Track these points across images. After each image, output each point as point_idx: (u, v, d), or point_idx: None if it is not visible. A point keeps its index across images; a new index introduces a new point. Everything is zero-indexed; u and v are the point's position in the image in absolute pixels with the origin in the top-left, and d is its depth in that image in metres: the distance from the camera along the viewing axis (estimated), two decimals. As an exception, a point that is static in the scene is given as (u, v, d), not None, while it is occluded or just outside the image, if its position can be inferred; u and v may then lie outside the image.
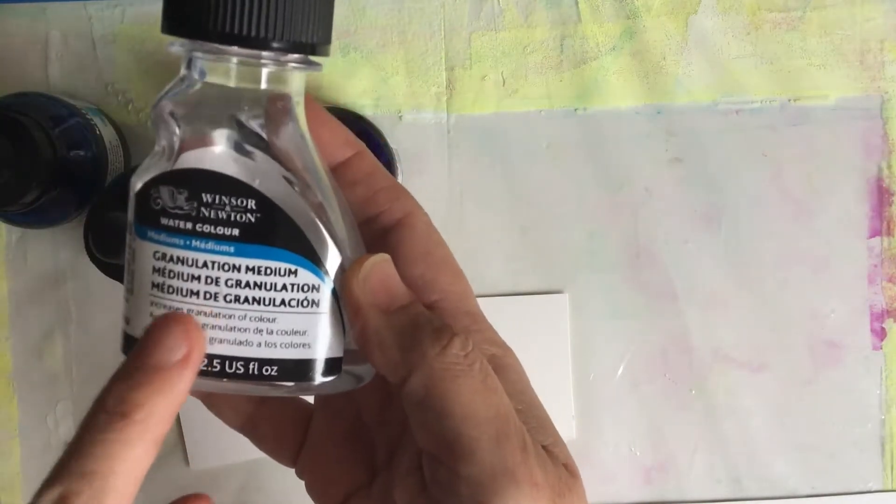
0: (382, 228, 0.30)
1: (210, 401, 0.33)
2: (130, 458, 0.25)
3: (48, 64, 0.50)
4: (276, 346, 0.26)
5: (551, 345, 0.50)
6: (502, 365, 0.29)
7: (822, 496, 0.50)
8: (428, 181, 0.49)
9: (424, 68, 0.50)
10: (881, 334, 0.50)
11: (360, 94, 0.50)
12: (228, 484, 0.51)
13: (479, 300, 0.31)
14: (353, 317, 0.27)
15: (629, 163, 0.50)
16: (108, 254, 0.40)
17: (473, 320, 0.30)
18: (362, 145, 0.31)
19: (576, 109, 0.50)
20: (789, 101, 0.50)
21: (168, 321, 0.26)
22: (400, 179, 0.48)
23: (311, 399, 0.33)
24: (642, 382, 0.50)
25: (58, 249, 0.50)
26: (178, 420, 0.50)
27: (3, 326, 0.51)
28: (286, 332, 0.26)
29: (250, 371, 0.26)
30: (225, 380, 0.27)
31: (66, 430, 0.51)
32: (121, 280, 0.44)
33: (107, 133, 0.47)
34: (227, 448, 0.50)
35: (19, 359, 0.51)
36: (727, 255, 0.50)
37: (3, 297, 0.50)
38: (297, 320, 0.26)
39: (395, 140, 0.49)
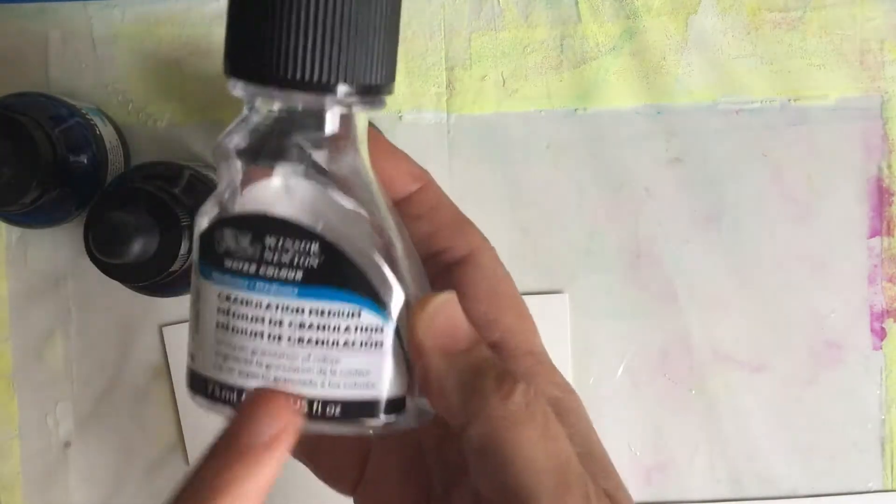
0: (447, 264, 0.30)
1: None
2: None
3: (48, 64, 0.50)
4: (339, 387, 0.26)
5: (551, 345, 0.49)
6: (565, 408, 0.29)
7: (822, 496, 0.50)
8: (428, 181, 0.49)
9: (424, 68, 0.50)
10: (881, 334, 0.50)
11: (360, 94, 0.50)
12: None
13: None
14: (415, 358, 0.27)
15: (629, 163, 0.50)
16: (108, 254, 0.40)
17: (537, 360, 0.29)
18: (428, 177, 0.31)
19: (576, 109, 0.50)
20: (789, 101, 0.50)
21: (265, 397, 0.25)
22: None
23: None
24: (642, 382, 0.50)
25: (58, 249, 0.50)
26: (177, 420, 0.50)
27: (3, 326, 0.51)
28: (349, 373, 0.26)
29: (314, 411, 0.26)
30: None
31: (66, 430, 0.51)
32: (121, 280, 0.45)
33: (107, 133, 0.47)
34: (227, 448, 0.50)
35: (19, 359, 0.51)
36: (727, 255, 0.50)
37: (3, 297, 0.50)
38: (360, 361, 0.26)
39: (395, 140, 0.49)
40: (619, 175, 0.50)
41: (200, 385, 0.27)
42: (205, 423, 0.50)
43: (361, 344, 0.26)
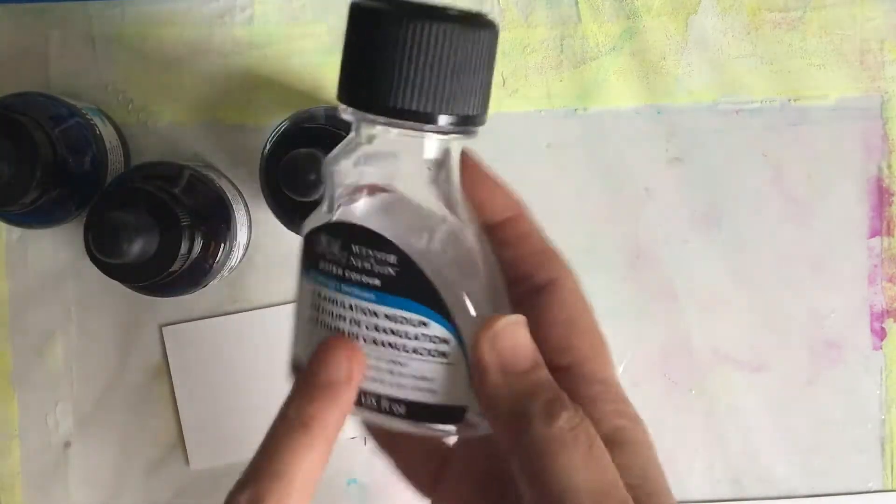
0: (530, 290, 0.31)
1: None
2: (310, 460, 0.28)
3: (48, 64, 0.50)
4: (405, 388, 0.29)
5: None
6: (626, 439, 0.30)
7: (822, 496, 0.50)
8: (428, 181, 0.49)
9: (424, 68, 0.50)
10: (881, 334, 0.50)
11: (360, 94, 0.50)
12: (228, 484, 0.50)
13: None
14: (475, 372, 0.28)
15: (629, 163, 0.50)
16: (108, 254, 0.40)
17: (605, 388, 0.30)
18: (521, 207, 0.32)
19: (576, 109, 0.50)
20: (789, 101, 0.50)
21: (334, 344, 0.29)
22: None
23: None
24: (642, 382, 0.50)
25: (58, 249, 0.50)
26: (177, 420, 0.50)
27: (3, 326, 0.51)
28: (415, 377, 0.29)
29: (381, 406, 0.29)
30: (359, 408, 0.29)
31: (66, 429, 0.51)
32: (121, 280, 0.45)
33: (107, 133, 0.47)
34: (227, 448, 0.50)
35: (19, 359, 0.51)
36: (727, 255, 0.50)
37: (3, 297, 0.50)
38: (425, 367, 0.28)
39: (395, 140, 0.49)
40: (619, 175, 0.50)
41: (296, 368, 0.30)
42: (205, 423, 0.50)
43: (427, 352, 0.28)
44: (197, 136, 0.50)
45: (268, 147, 0.45)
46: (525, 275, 0.31)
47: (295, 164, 0.40)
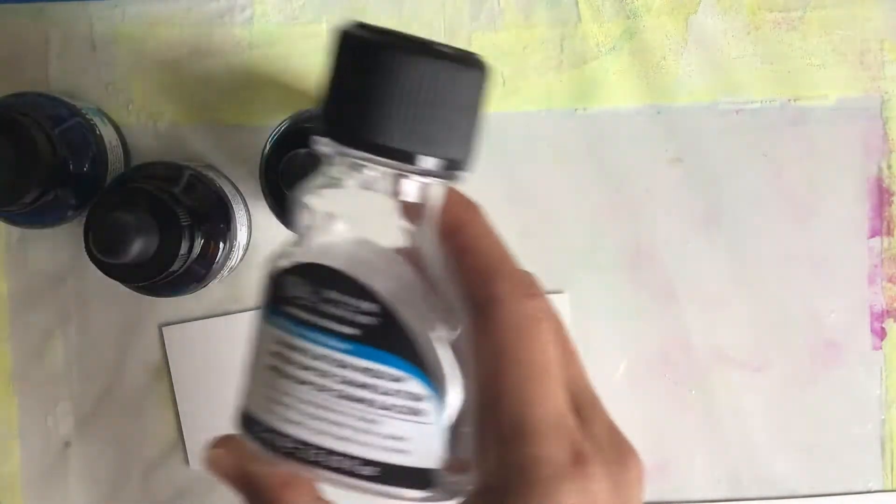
0: (472, 311, 0.28)
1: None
2: None
3: (48, 64, 0.50)
4: (374, 448, 0.26)
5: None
6: None
7: (822, 496, 0.50)
8: (428, 181, 0.49)
9: (424, 68, 0.50)
10: (881, 334, 0.50)
11: (360, 94, 0.50)
12: (228, 484, 0.51)
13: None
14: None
15: (629, 163, 0.50)
16: (108, 254, 0.40)
17: (520, 428, 0.28)
18: (472, 213, 0.29)
19: (576, 109, 0.50)
20: (789, 101, 0.50)
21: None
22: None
23: None
24: (642, 382, 0.50)
25: (58, 249, 0.50)
26: (177, 420, 0.50)
27: (3, 326, 0.51)
28: (386, 436, 0.26)
29: (346, 467, 0.27)
30: (320, 470, 0.27)
31: (66, 430, 0.51)
32: (121, 280, 0.44)
33: (107, 133, 0.47)
34: (227, 448, 0.50)
35: (19, 359, 0.51)
36: (727, 255, 0.50)
37: (3, 297, 0.50)
38: (399, 426, 0.26)
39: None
40: (619, 175, 0.50)
41: (246, 423, 0.28)
42: (205, 423, 0.50)
43: (402, 410, 0.26)
44: (197, 136, 0.50)
45: (268, 147, 0.45)
46: (468, 293, 0.28)
47: (295, 164, 0.40)
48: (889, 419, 0.50)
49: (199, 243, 0.44)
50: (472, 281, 0.28)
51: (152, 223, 0.41)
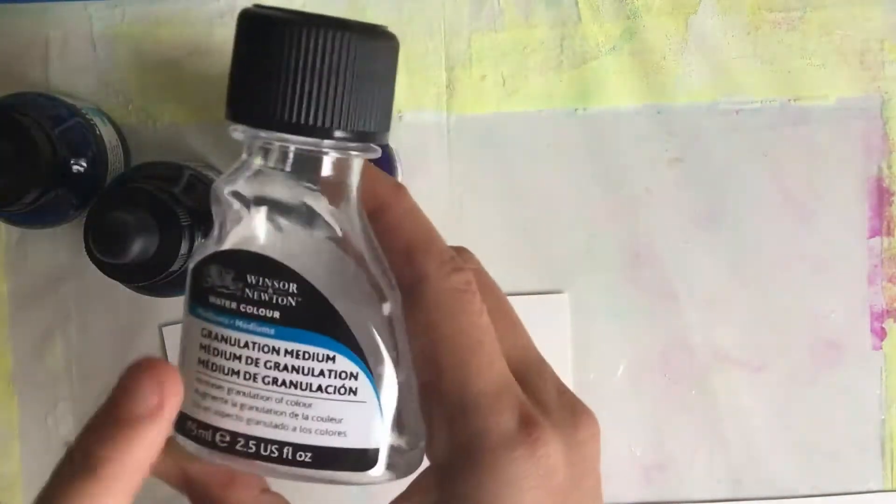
0: (402, 293, 0.28)
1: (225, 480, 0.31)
2: None
3: (48, 64, 0.50)
4: (311, 432, 0.26)
5: (551, 345, 0.49)
6: None
7: (822, 496, 0.50)
8: (428, 181, 0.49)
9: (424, 68, 0.50)
10: (881, 334, 0.50)
11: (360, 94, 0.50)
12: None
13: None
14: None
15: (629, 163, 0.50)
16: (108, 254, 0.40)
17: (465, 404, 0.28)
18: (395, 195, 0.29)
19: (576, 109, 0.50)
20: (789, 101, 0.50)
21: (138, 370, 0.25)
22: (400, 179, 0.48)
23: None
24: (642, 382, 0.50)
25: (58, 249, 0.50)
26: (178, 420, 0.50)
27: (3, 326, 0.51)
28: (322, 419, 0.26)
29: (284, 455, 0.26)
30: (259, 461, 0.26)
31: (66, 430, 0.51)
32: (121, 280, 0.44)
33: (107, 133, 0.47)
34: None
35: (19, 359, 0.51)
36: (727, 255, 0.50)
37: (3, 297, 0.50)
38: (333, 407, 0.26)
39: (395, 140, 0.49)
40: (619, 175, 0.50)
41: (181, 423, 0.27)
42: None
43: (335, 390, 0.26)
44: (197, 136, 0.50)
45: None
46: (396, 273, 0.28)
47: None
48: (889, 419, 0.50)
49: (199, 243, 0.44)
50: (399, 261, 0.28)
51: (152, 223, 0.41)
